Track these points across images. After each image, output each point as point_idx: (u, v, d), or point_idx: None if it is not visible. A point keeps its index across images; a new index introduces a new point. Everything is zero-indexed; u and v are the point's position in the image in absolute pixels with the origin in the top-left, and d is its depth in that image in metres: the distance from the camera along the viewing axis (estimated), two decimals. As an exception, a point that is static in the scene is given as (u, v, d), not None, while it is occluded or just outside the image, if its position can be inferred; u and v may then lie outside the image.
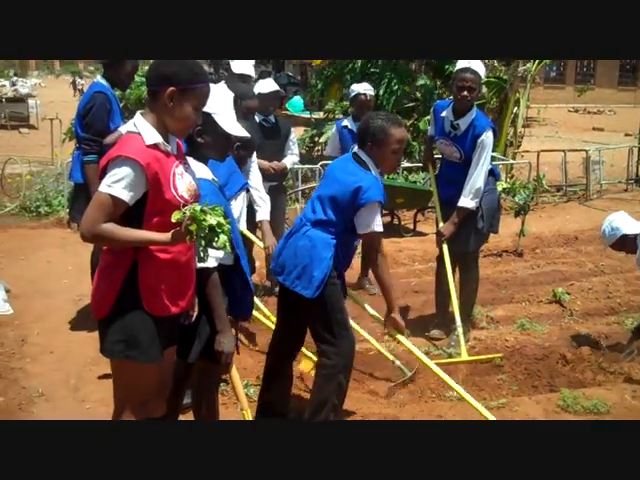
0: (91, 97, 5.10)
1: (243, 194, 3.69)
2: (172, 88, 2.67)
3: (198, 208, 2.55)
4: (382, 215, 3.94)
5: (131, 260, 2.70)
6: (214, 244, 2.58)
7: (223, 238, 2.59)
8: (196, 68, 2.78)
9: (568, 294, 6.39)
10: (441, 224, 5.39)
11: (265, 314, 4.89)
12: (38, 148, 14.88)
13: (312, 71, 23.44)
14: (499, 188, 5.85)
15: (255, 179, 5.13)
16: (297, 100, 26.16)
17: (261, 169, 5.77)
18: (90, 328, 5.31)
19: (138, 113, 2.77)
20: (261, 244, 5.01)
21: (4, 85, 24.79)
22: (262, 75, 32.98)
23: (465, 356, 5.01)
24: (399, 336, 4.13)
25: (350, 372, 3.95)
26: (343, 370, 3.85)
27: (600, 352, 5.16)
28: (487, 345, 5.34)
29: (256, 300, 4.88)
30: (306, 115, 20.72)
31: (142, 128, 2.69)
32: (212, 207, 2.59)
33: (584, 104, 36.79)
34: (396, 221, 9.36)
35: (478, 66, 5.18)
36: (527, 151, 12.68)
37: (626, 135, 19.81)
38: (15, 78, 35.02)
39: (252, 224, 5.10)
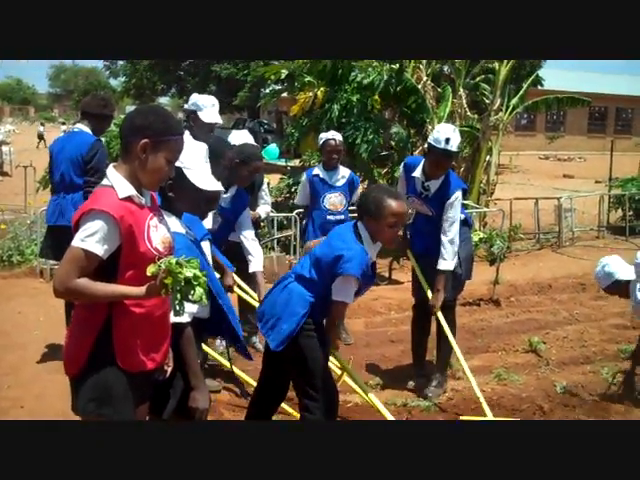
0: (92, 145, 5.52)
1: (207, 244, 3.65)
2: (145, 140, 2.64)
3: (174, 261, 2.51)
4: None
5: (104, 315, 2.65)
6: (190, 297, 2.54)
7: (199, 291, 2.54)
8: (170, 120, 2.77)
9: (544, 343, 6.41)
10: (429, 293, 5.28)
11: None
12: (11, 196, 14.76)
13: (287, 119, 23.64)
14: (475, 238, 5.87)
15: (247, 230, 5.28)
16: (273, 148, 26.34)
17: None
18: (62, 382, 5.19)
19: (110, 166, 2.74)
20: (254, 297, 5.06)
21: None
22: (237, 123, 33.16)
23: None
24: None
25: None
26: None
27: (576, 403, 5.16)
28: (464, 396, 5.30)
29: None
30: (282, 163, 20.85)
31: (115, 181, 2.66)
32: (188, 259, 2.55)
33: (555, 151, 37.48)
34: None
35: (456, 141, 5.15)
36: (500, 199, 12.83)
37: (596, 182, 20.20)
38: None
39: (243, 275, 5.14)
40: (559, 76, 34.24)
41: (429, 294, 5.30)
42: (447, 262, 5.18)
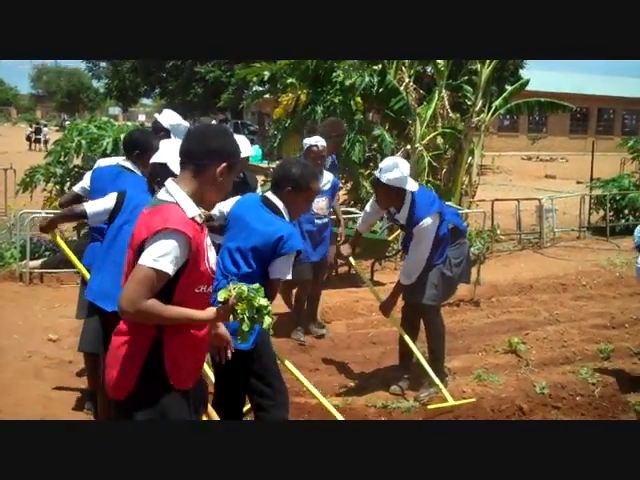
0: None
1: None
2: (225, 164, 2.65)
3: (245, 288, 2.53)
4: (339, 265, 3.93)
5: (152, 337, 2.61)
6: (259, 325, 2.57)
7: (268, 320, 2.58)
8: (236, 142, 2.80)
9: (524, 344, 6.42)
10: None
11: None
12: (-10, 199, 14.60)
13: (270, 120, 23.56)
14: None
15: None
16: (255, 149, 26.30)
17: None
18: (40, 387, 5.19)
19: (172, 181, 2.70)
20: None
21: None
22: (221, 124, 32.97)
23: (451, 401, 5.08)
24: None
25: None
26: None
27: (556, 403, 5.19)
28: (444, 397, 5.30)
29: None
30: (264, 165, 20.81)
31: (180, 199, 2.63)
32: (257, 288, 2.57)
33: (537, 152, 37.70)
34: (353, 271, 9.35)
35: (391, 172, 5.05)
36: (482, 200, 12.88)
37: (578, 182, 20.30)
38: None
39: None
40: (541, 76, 34.43)
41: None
42: (403, 277, 5.29)
